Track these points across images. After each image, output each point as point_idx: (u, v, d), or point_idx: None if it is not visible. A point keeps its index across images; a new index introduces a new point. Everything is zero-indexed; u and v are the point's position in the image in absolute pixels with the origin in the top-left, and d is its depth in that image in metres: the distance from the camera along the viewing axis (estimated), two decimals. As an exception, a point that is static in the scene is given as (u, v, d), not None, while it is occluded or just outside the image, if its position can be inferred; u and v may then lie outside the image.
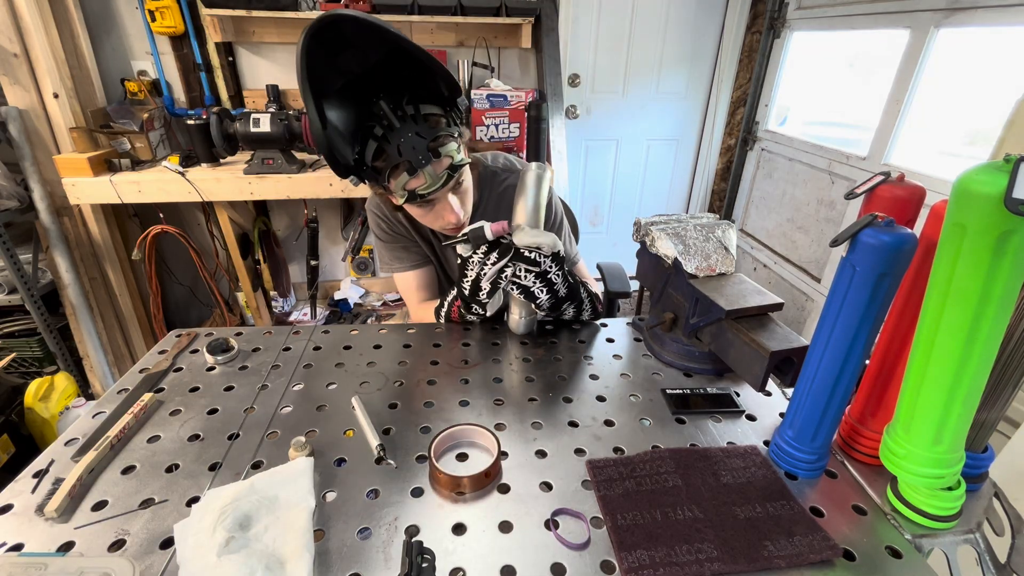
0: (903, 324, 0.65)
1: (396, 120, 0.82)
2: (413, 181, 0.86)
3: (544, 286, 0.91)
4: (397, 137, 0.82)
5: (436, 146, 0.86)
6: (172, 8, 2.08)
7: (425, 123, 0.84)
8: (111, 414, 0.78)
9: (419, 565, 0.52)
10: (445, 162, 0.88)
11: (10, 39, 1.78)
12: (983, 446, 0.67)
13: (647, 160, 3.06)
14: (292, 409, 0.81)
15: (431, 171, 0.86)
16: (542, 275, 0.90)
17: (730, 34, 2.73)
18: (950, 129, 1.97)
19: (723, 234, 0.93)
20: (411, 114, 0.83)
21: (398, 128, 0.82)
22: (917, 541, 0.61)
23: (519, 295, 0.94)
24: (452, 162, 0.88)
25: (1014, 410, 1.30)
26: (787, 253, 2.61)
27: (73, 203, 1.95)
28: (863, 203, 0.66)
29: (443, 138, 0.87)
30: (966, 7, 1.68)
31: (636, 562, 0.56)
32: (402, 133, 0.82)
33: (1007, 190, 0.45)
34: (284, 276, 2.71)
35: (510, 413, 0.81)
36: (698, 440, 0.76)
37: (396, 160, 0.84)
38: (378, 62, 0.80)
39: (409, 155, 0.83)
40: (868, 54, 2.31)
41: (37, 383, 1.80)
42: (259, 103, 2.35)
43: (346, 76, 0.80)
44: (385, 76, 0.82)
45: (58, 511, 0.61)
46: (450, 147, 0.88)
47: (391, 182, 0.87)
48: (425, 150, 0.84)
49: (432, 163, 0.85)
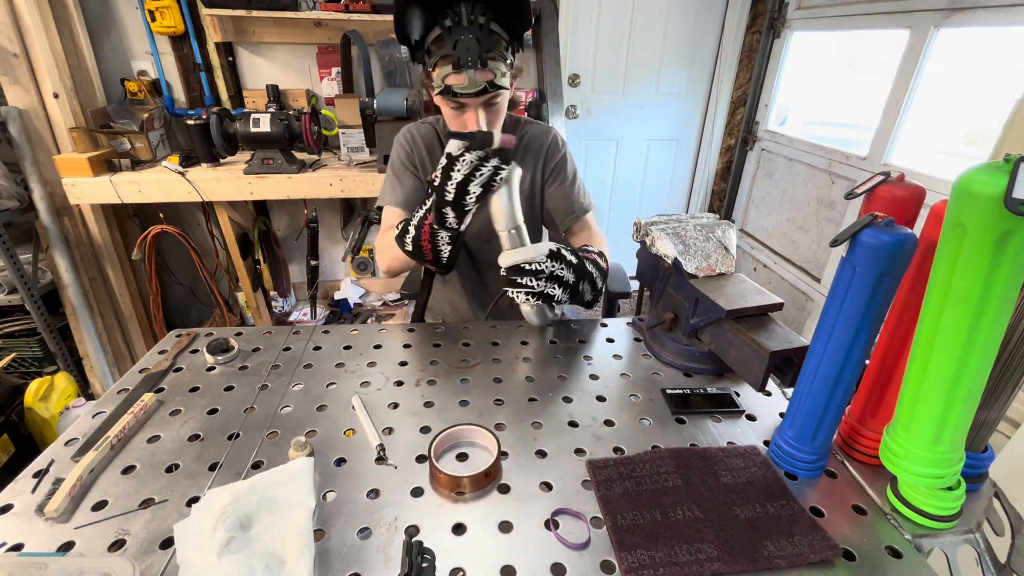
0: (903, 324, 0.65)
1: (466, 20, 0.89)
2: (454, 77, 0.92)
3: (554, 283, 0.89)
4: (459, 33, 0.89)
5: (487, 57, 0.91)
6: (172, 8, 2.08)
7: (487, 35, 0.91)
8: (111, 414, 0.78)
9: (419, 565, 0.52)
10: (488, 75, 0.93)
11: (10, 39, 1.78)
12: (983, 446, 0.67)
13: (647, 160, 3.06)
14: (292, 409, 0.81)
15: (472, 75, 0.91)
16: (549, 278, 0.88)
17: (730, 34, 2.73)
18: (950, 129, 1.97)
19: (723, 234, 0.93)
20: (480, 23, 0.90)
21: (464, 27, 0.89)
22: (917, 541, 0.61)
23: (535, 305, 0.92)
24: (494, 78, 0.94)
25: (1014, 410, 1.30)
26: (787, 253, 2.61)
27: (73, 203, 1.95)
28: (863, 203, 0.66)
29: (496, 53, 0.93)
30: (966, 7, 1.68)
31: (636, 562, 0.56)
32: (464, 32, 0.89)
33: (1007, 190, 0.45)
34: (284, 276, 2.71)
35: (510, 413, 0.81)
36: (698, 440, 0.76)
37: (448, 52, 0.90)
38: None
39: (461, 52, 0.89)
40: (868, 54, 2.31)
41: (37, 383, 1.80)
42: (259, 103, 2.35)
43: None
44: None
45: (58, 511, 0.61)
46: (498, 65, 0.93)
47: (436, 70, 0.93)
48: (476, 55, 0.90)
49: (478, 69, 0.91)
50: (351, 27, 2.23)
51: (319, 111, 2.04)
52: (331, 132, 2.19)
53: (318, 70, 2.40)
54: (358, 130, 2.14)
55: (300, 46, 2.36)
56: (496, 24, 0.93)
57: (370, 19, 2.14)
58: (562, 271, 0.89)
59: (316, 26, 2.28)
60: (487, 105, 0.99)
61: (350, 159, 2.18)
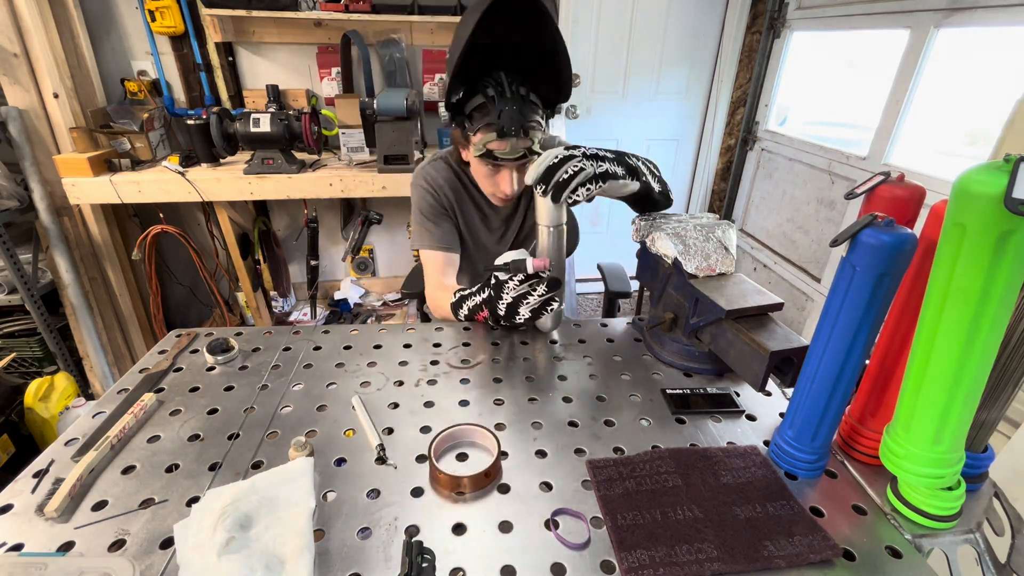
0: (903, 324, 0.65)
1: (509, 91, 0.96)
2: (497, 143, 0.99)
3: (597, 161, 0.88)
4: (503, 104, 0.96)
5: (528, 126, 0.99)
6: (172, 8, 2.08)
7: (528, 105, 0.98)
8: (111, 414, 0.78)
9: (419, 565, 0.52)
10: (527, 142, 1.00)
11: (10, 39, 1.78)
12: (983, 446, 0.67)
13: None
14: (292, 409, 0.81)
15: (515, 142, 0.99)
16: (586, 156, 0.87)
17: (730, 34, 2.73)
18: (950, 129, 1.97)
19: (723, 234, 0.93)
20: (522, 94, 0.97)
21: (507, 98, 0.96)
22: (917, 541, 0.61)
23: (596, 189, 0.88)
24: (532, 145, 1.01)
25: (1014, 410, 1.30)
26: (787, 253, 2.61)
27: (73, 203, 1.95)
28: (863, 203, 0.66)
29: (535, 124, 1.00)
30: (966, 7, 1.68)
31: (636, 562, 0.56)
32: (508, 103, 0.96)
33: (1007, 190, 0.45)
34: (284, 276, 2.71)
35: (510, 413, 0.81)
36: (698, 440, 0.76)
37: (493, 121, 0.96)
38: (523, 44, 0.94)
39: (505, 122, 0.96)
40: (868, 54, 2.30)
41: (37, 383, 1.80)
42: (259, 103, 2.35)
43: (493, 40, 0.91)
44: (519, 56, 0.97)
45: (58, 511, 0.61)
46: (536, 133, 1.01)
47: (477, 135, 1.00)
48: (519, 124, 0.97)
49: (520, 138, 0.98)
50: (351, 27, 2.23)
51: (319, 111, 2.04)
52: (331, 132, 2.19)
53: (318, 70, 2.40)
54: (358, 130, 2.14)
55: (300, 46, 2.36)
56: (534, 95, 1.00)
57: (370, 19, 2.14)
58: (592, 150, 0.89)
59: (316, 26, 2.28)
60: (520, 168, 1.06)
61: (350, 159, 2.18)
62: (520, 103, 0.96)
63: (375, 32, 2.32)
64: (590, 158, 0.87)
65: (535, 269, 0.89)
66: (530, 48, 0.95)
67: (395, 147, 2.03)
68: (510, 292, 0.91)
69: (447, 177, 1.19)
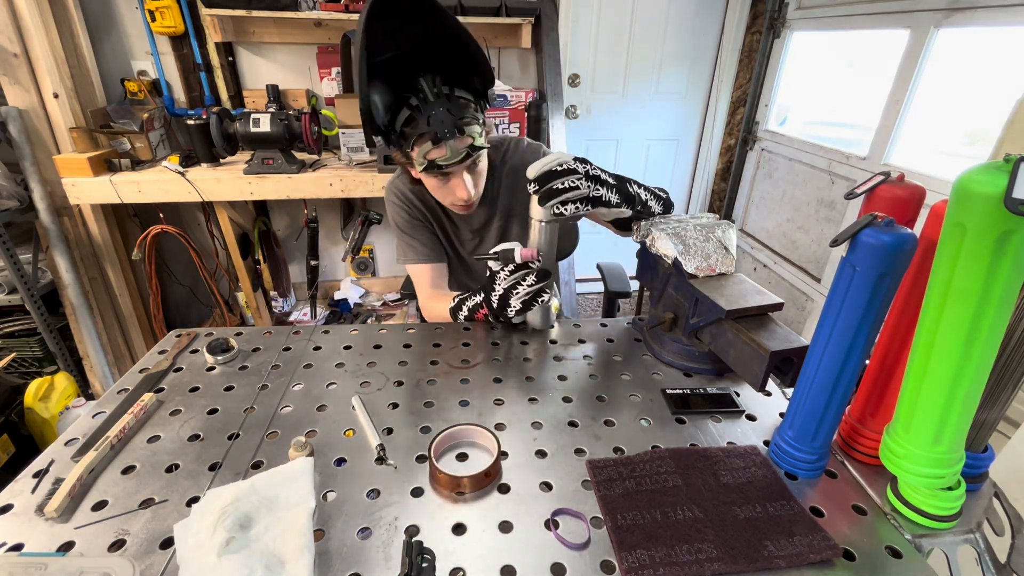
0: (903, 324, 0.65)
1: (431, 95, 0.90)
2: (435, 151, 0.93)
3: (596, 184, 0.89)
4: (429, 109, 0.90)
5: (462, 124, 0.93)
6: (172, 8, 2.08)
7: (456, 103, 0.93)
8: (111, 414, 0.78)
9: (419, 565, 0.52)
10: (467, 140, 0.95)
11: (10, 39, 1.78)
12: (983, 446, 0.67)
13: (647, 160, 3.06)
14: (292, 409, 0.81)
15: (453, 145, 0.93)
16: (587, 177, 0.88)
17: (730, 34, 2.73)
18: (950, 129, 1.97)
19: (723, 234, 0.93)
20: (445, 93, 0.92)
21: (431, 102, 0.91)
22: (917, 541, 0.61)
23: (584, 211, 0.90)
24: (473, 142, 0.96)
25: (1014, 410, 1.30)
26: (787, 253, 2.61)
27: (73, 203, 1.95)
28: (863, 203, 0.66)
29: (469, 119, 0.94)
30: (966, 7, 1.68)
31: (636, 562, 0.56)
32: (434, 107, 0.90)
33: (1007, 190, 0.45)
34: (284, 276, 2.71)
35: (510, 413, 0.81)
36: (698, 440, 0.76)
37: (424, 129, 0.91)
38: (427, 43, 0.88)
39: (436, 127, 0.91)
40: (868, 54, 2.30)
41: (37, 383, 1.80)
42: (259, 103, 2.35)
43: (396, 50, 0.87)
44: (429, 57, 0.90)
45: (58, 511, 0.61)
46: (474, 128, 0.95)
47: (415, 149, 0.94)
48: (452, 125, 0.91)
49: (456, 138, 0.93)
50: (351, 27, 2.23)
51: (319, 111, 2.04)
52: (331, 132, 2.19)
53: (318, 70, 2.40)
54: (358, 130, 2.14)
55: (300, 46, 2.36)
56: (460, 89, 0.94)
57: (370, 19, 2.14)
58: (595, 171, 0.90)
59: (316, 26, 2.28)
60: (469, 169, 1.01)
61: (350, 159, 2.18)
62: (447, 103, 0.91)
63: (375, 32, 2.32)
64: (591, 179, 0.88)
65: (523, 259, 0.90)
66: (438, 44, 0.89)
67: (395, 147, 2.02)
68: (501, 283, 0.92)
69: (414, 189, 1.16)
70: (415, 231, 1.19)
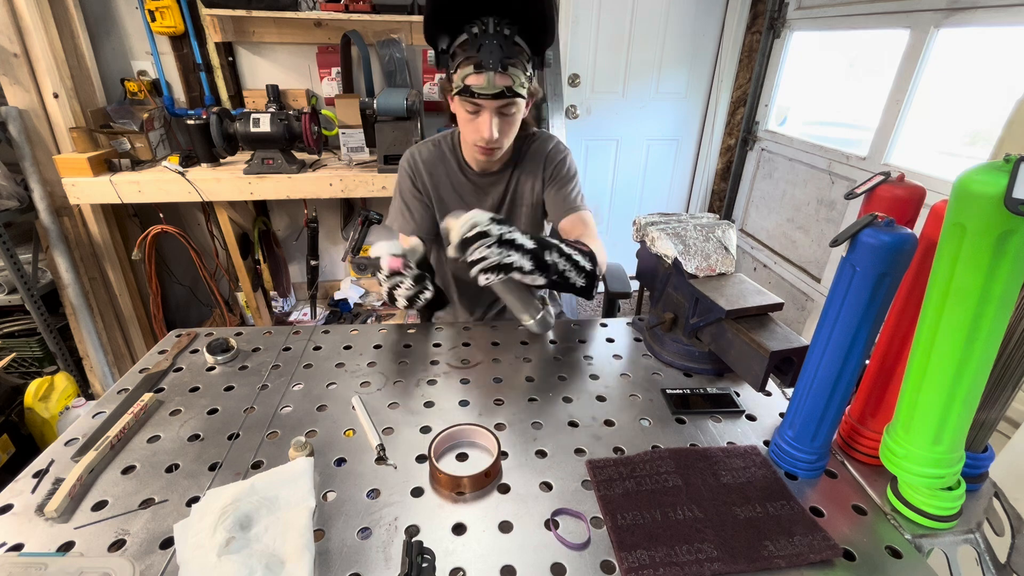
0: (903, 324, 0.65)
1: (492, 28, 0.94)
2: (473, 77, 0.96)
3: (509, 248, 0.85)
4: (484, 39, 0.94)
5: (508, 63, 0.95)
6: (172, 8, 2.08)
7: (510, 44, 0.96)
8: (111, 414, 0.78)
9: (419, 565, 0.52)
10: (508, 80, 0.96)
11: (10, 39, 1.78)
12: (983, 446, 0.67)
13: (647, 160, 3.05)
14: (292, 409, 0.81)
15: (492, 77, 0.95)
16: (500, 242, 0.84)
17: (730, 34, 2.73)
18: (950, 129, 1.97)
19: (723, 234, 0.93)
20: (505, 33, 0.95)
21: (490, 34, 0.94)
22: (917, 541, 0.61)
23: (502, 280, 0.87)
24: (512, 85, 0.97)
25: (1014, 410, 1.30)
26: (787, 253, 2.61)
27: (73, 203, 1.95)
28: (863, 203, 0.66)
29: (517, 62, 0.97)
30: (966, 7, 1.68)
31: (636, 562, 0.56)
32: (489, 38, 0.94)
33: (1007, 190, 0.45)
34: (284, 276, 2.71)
35: (510, 413, 0.81)
36: (698, 440, 0.76)
37: (472, 54, 0.94)
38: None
39: (484, 55, 0.94)
40: (868, 54, 2.30)
41: (37, 383, 1.80)
42: (259, 103, 2.35)
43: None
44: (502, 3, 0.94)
45: (58, 511, 0.61)
46: (518, 72, 0.97)
47: (457, 71, 0.97)
48: (498, 59, 0.94)
49: (498, 72, 0.95)
50: (351, 27, 2.23)
51: (319, 111, 2.04)
52: (331, 132, 2.19)
53: (318, 70, 2.40)
54: (358, 130, 2.14)
55: (300, 46, 2.36)
56: (520, 38, 0.98)
57: (370, 19, 2.14)
58: (512, 234, 0.85)
59: (316, 26, 2.28)
60: (501, 113, 1.01)
61: (350, 159, 2.18)
62: (502, 40, 0.94)
63: (375, 32, 2.32)
64: (504, 243, 0.83)
65: (390, 270, 0.90)
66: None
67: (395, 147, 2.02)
68: (384, 283, 0.94)
69: (427, 158, 1.19)
70: (412, 201, 1.20)
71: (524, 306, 0.96)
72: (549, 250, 0.90)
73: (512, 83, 0.97)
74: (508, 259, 0.83)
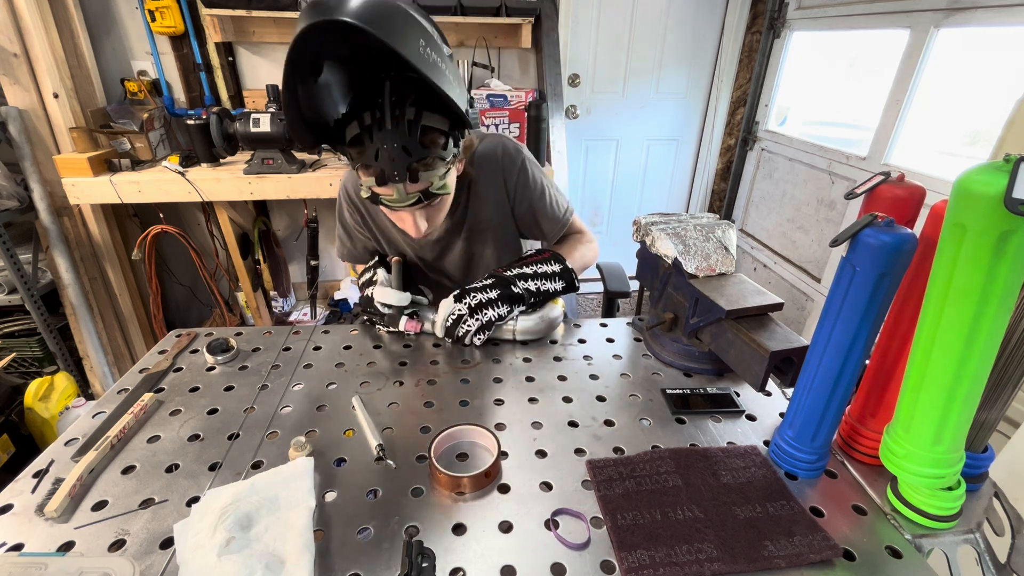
0: (903, 324, 0.65)
1: (390, 120, 0.73)
2: (380, 188, 0.80)
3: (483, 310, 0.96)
4: (382, 140, 0.74)
5: (419, 168, 0.78)
6: (172, 8, 2.08)
7: (419, 137, 0.76)
8: (111, 414, 0.78)
9: (419, 565, 0.52)
10: (422, 185, 0.81)
11: (10, 39, 1.78)
12: (983, 446, 0.67)
13: (647, 160, 3.06)
14: (292, 409, 0.81)
15: (401, 189, 0.79)
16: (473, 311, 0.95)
17: (730, 34, 2.73)
18: (950, 129, 1.97)
19: (723, 234, 0.93)
20: (409, 119, 0.75)
21: (388, 130, 0.73)
22: (917, 541, 0.61)
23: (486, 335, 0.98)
24: (430, 187, 0.82)
25: (1014, 410, 1.30)
26: (787, 253, 2.61)
27: (73, 203, 1.95)
28: (863, 203, 0.66)
29: (431, 161, 0.79)
30: (966, 7, 1.68)
31: (636, 562, 0.56)
32: (390, 138, 0.74)
33: (1007, 190, 0.45)
34: (284, 276, 2.71)
35: (510, 413, 0.81)
36: (698, 440, 0.76)
37: (371, 163, 0.76)
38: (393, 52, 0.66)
39: (385, 165, 0.76)
40: (868, 54, 2.30)
41: (37, 383, 1.80)
42: (259, 103, 2.35)
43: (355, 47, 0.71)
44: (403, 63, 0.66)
45: (58, 511, 0.61)
46: (435, 173, 0.81)
47: (360, 174, 0.81)
48: (404, 168, 0.76)
49: (406, 183, 0.78)
50: (351, 27, 2.23)
51: (319, 111, 2.03)
52: (331, 132, 2.18)
53: (318, 70, 2.40)
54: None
55: (300, 46, 2.36)
56: (432, 114, 0.77)
57: (370, 19, 2.14)
58: (476, 297, 0.95)
59: (316, 26, 2.28)
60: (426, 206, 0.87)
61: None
62: (405, 137, 0.74)
63: (375, 32, 2.32)
64: (476, 310, 0.95)
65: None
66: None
67: (395, 147, 2.02)
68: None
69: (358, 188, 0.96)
70: (353, 234, 1.17)
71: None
72: (513, 284, 0.97)
73: (431, 183, 0.81)
74: (485, 319, 0.95)
